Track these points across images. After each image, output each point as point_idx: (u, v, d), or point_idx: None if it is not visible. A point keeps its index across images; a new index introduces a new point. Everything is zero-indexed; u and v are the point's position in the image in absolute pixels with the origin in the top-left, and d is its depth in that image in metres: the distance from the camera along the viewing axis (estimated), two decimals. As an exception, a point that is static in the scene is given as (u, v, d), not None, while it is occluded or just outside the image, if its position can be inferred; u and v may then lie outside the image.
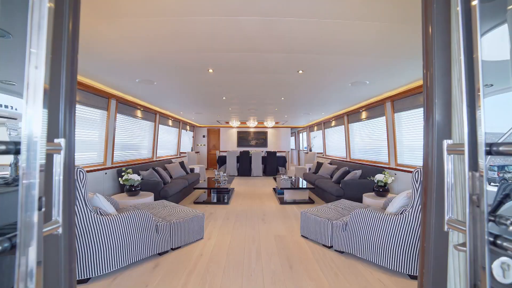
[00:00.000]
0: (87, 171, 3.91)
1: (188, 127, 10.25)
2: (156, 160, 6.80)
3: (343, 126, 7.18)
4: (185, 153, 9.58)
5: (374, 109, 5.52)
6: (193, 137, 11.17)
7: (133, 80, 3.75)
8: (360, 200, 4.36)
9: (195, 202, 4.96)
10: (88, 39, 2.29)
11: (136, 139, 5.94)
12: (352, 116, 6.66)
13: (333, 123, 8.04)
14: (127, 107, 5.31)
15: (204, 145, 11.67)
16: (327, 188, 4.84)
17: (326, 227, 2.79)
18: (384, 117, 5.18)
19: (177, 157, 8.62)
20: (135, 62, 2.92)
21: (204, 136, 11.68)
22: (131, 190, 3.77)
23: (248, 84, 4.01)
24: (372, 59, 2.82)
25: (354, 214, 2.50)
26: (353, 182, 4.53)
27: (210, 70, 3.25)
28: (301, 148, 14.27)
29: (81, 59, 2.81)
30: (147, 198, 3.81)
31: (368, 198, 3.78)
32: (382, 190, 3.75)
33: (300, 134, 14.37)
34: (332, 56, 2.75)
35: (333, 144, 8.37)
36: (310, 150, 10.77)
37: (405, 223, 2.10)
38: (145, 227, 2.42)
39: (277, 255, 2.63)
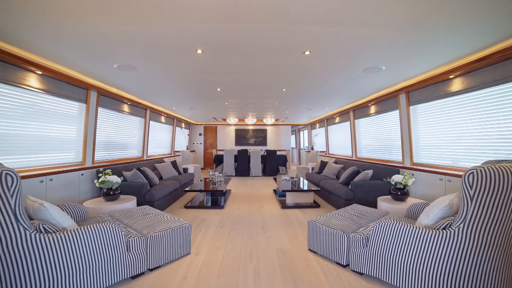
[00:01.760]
0: (58, 172, 3.36)
1: (183, 125, 9.68)
2: (146, 160, 6.25)
3: (349, 122, 6.65)
4: (180, 151, 9.02)
5: (385, 102, 4.99)
6: (188, 135, 10.60)
7: (111, 65, 3.20)
8: (373, 204, 3.83)
9: (186, 207, 4.42)
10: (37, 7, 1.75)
11: (123, 136, 5.39)
12: (359, 111, 6.13)
13: (337, 120, 7.50)
14: (111, 100, 4.76)
15: (200, 143, 11.11)
16: (334, 191, 4.31)
17: (341, 241, 2.26)
18: (397, 111, 4.66)
19: (171, 156, 8.07)
20: (105, 36, 2.37)
21: (200, 134, 11.12)
22: (109, 194, 3.23)
23: (245, 70, 3.46)
24: (393, 35, 2.29)
25: (378, 227, 1.98)
26: (365, 184, 4.00)
27: (199, 51, 2.70)
28: (302, 147, 13.72)
29: (40, 37, 2.26)
30: (128, 203, 3.27)
31: (384, 203, 3.25)
32: (401, 194, 3.23)
33: (301, 132, 13.83)
34: (344, 30, 2.21)
35: (336, 142, 7.84)
36: (312, 149, 10.23)
37: (453, 242, 1.57)
38: (111, 245, 1.89)
39: (281, 278, 2.10)
